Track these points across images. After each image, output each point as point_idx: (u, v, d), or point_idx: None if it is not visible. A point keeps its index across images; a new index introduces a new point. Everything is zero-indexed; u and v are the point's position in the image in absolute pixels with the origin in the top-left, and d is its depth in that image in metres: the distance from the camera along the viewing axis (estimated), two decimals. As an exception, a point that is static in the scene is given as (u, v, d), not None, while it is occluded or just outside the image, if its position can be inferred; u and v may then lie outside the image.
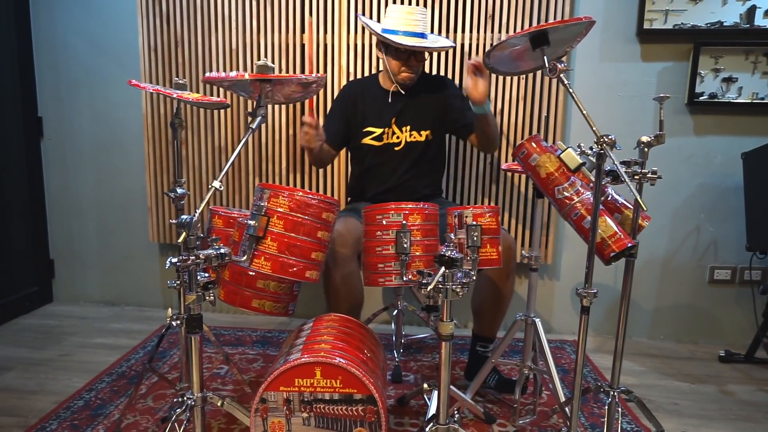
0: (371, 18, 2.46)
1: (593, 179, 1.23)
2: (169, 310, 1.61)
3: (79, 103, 2.78)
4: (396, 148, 2.07)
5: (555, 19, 2.40)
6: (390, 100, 2.07)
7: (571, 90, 1.23)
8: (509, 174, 2.52)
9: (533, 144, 1.45)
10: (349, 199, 2.31)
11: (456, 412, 1.76)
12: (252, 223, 1.40)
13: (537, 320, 1.73)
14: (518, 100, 2.46)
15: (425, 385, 1.67)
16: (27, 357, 2.26)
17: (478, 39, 2.44)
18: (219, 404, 1.41)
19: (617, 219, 1.48)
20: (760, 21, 2.33)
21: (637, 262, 2.53)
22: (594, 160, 1.23)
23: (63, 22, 2.71)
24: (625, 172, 1.34)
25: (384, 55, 2.01)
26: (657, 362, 2.40)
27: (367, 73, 2.50)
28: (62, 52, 2.74)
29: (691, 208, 2.55)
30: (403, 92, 2.05)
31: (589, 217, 1.33)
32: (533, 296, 1.75)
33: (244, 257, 1.41)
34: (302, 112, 2.57)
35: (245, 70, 2.56)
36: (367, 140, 2.08)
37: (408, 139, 2.06)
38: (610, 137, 1.18)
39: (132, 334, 2.53)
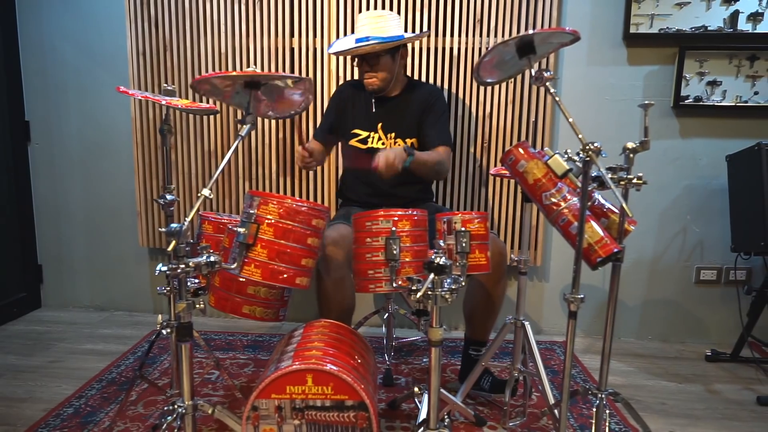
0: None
1: (580, 185, 1.25)
2: (160, 316, 1.61)
3: (67, 107, 2.76)
4: None
5: (543, 23, 2.42)
6: (376, 105, 2.08)
7: (557, 99, 1.24)
8: (498, 178, 2.54)
9: (521, 150, 1.47)
10: (339, 201, 2.31)
11: (446, 415, 1.78)
12: (242, 230, 1.40)
13: (526, 323, 1.75)
14: (507, 105, 2.48)
15: (416, 389, 1.68)
16: (15, 364, 2.25)
17: (466, 43, 2.45)
18: (210, 412, 1.41)
19: (604, 224, 1.50)
20: (743, 25, 2.37)
21: (625, 263, 2.56)
22: (581, 166, 1.25)
23: (50, 26, 2.69)
24: (611, 178, 1.36)
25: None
26: (645, 362, 2.43)
27: (356, 77, 2.50)
28: (49, 56, 2.72)
29: (678, 209, 2.58)
30: (374, 100, 2.09)
31: (576, 223, 1.35)
32: (522, 299, 1.76)
33: (235, 264, 1.42)
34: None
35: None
36: (353, 142, 2.10)
37: (392, 146, 2.06)
38: (595, 145, 1.20)
39: (122, 339, 2.52)
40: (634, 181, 1.38)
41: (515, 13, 2.42)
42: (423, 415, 1.55)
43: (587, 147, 1.18)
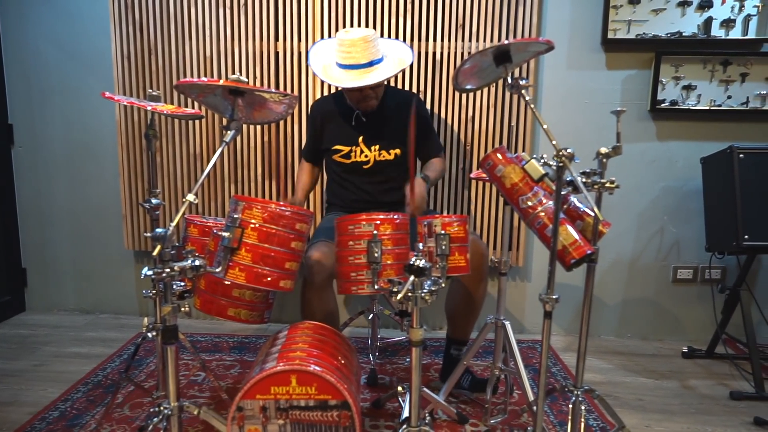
0: (343, 24, 2.50)
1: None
2: (145, 319, 1.63)
3: (51, 110, 2.76)
4: (365, 167, 2.10)
5: (523, 29, 2.47)
6: (355, 118, 2.09)
7: (532, 106, 1.29)
8: (480, 181, 2.58)
9: (499, 155, 1.51)
10: (326, 205, 2.34)
11: (428, 414, 1.82)
12: (226, 234, 1.43)
13: (507, 323, 1.79)
14: (488, 110, 2.53)
15: (399, 388, 1.72)
16: (0, 368, 2.25)
17: (448, 48, 2.50)
18: (195, 413, 1.43)
19: (579, 226, 1.54)
20: (716, 31, 2.44)
21: (604, 263, 2.65)
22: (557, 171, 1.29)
23: (34, 29, 2.69)
24: (585, 182, 1.40)
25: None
26: (624, 359, 2.49)
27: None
28: (33, 59, 2.71)
29: (655, 210, 2.65)
30: (364, 119, 2.08)
31: (551, 226, 1.40)
32: (503, 300, 1.81)
33: (219, 268, 1.44)
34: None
35: (219, 78, 2.57)
36: (336, 158, 2.12)
37: (377, 158, 2.09)
38: (568, 150, 1.24)
39: (107, 342, 2.53)
40: (607, 185, 1.42)
41: (496, 18, 2.46)
42: (406, 414, 1.59)
43: (560, 153, 1.23)
